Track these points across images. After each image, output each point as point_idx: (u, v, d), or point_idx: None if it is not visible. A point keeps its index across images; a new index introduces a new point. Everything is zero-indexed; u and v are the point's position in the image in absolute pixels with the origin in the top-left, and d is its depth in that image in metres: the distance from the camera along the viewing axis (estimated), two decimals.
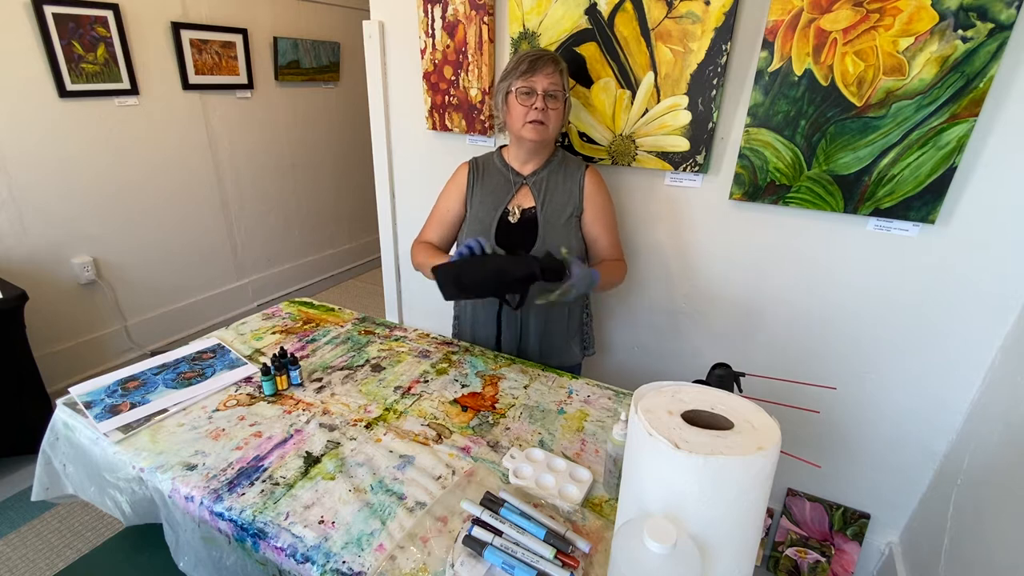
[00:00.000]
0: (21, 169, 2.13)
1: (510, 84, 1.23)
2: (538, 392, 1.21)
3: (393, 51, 1.76)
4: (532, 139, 1.23)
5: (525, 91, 1.21)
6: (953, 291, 1.25)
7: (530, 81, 1.20)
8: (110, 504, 1.06)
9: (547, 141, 1.27)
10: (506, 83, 1.24)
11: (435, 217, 1.40)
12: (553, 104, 1.22)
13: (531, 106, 1.20)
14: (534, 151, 1.29)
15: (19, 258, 2.18)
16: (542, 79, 1.19)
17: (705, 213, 1.45)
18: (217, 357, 1.31)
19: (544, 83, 1.19)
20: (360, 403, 1.15)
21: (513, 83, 1.22)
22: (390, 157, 1.92)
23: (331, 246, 3.79)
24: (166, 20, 2.47)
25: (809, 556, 1.61)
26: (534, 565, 0.75)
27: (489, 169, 1.35)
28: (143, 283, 2.66)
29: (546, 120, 1.21)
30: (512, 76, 1.22)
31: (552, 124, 1.23)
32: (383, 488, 0.92)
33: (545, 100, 1.20)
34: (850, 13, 1.11)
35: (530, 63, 1.20)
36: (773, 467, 0.60)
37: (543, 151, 1.31)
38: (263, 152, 3.11)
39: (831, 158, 1.22)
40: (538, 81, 1.19)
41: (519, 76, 1.20)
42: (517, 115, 1.23)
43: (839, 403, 1.47)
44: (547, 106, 1.21)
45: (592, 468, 0.98)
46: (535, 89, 1.20)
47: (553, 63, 1.21)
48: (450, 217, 1.38)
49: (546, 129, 1.23)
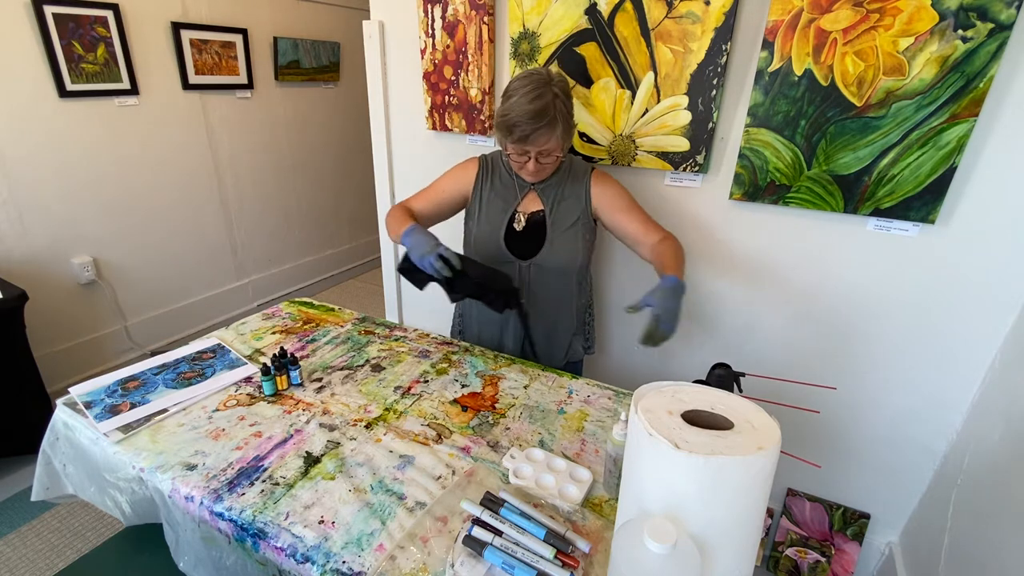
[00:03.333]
0: (21, 169, 2.13)
1: (505, 141, 1.19)
2: (538, 392, 1.21)
3: (393, 51, 1.76)
4: (531, 180, 1.26)
5: (518, 152, 1.19)
6: (953, 291, 1.25)
7: (524, 148, 1.17)
8: (110, 504, 1.06)
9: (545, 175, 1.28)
10: (500, 133, 1.19)
11: (430, 193, 1.37)
12: (548, 158, 1.19)
13: (525, 163, 1.20)
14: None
15: (19, 258, 2.18)
16: (536, 147, 1.16)
17: (705, 213, 1.45)
18: (217, 357, 1.31)
19: (537, 149, 1.17)
20: (360, 403, 1.15)
21: (507, 143, 1.19)
22: (390, 157, 1.92)
23: (331, 246, 3.79)
24: (166, 20, 2.47)
25: (809, 556, 1.61)
26: (534, 565, 0.75)
27: (498, 170, 1.34)
28: (143, 283, 2.66)
29: (542, 170, 1.22)
30: (506, 137, 1.17)
31: (550, 167, 1.24)
32: (383, 488, 0.92)
33: (539, 159, 1.19)
34: (850, 13, 1.11)
35: (521, 136, 1.13)
36: (773, 467, 0.60)
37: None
38: (263, 152, 3.10)
39: (831, 158, 1.22)
40: (531, 149, 1.17)
41: (513, 142, 1.17)
42: (514, 162, 1.23)
43: (839, 403, 1.47)
44: (541, 163, 1.20)
45: (592, 468, 0.98)
46: (529, 153, 1.18)
47: (548, 130, 1.13)
48: (445, 198, 1.35)
49: (544, 171, 1.24)
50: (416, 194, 1.38)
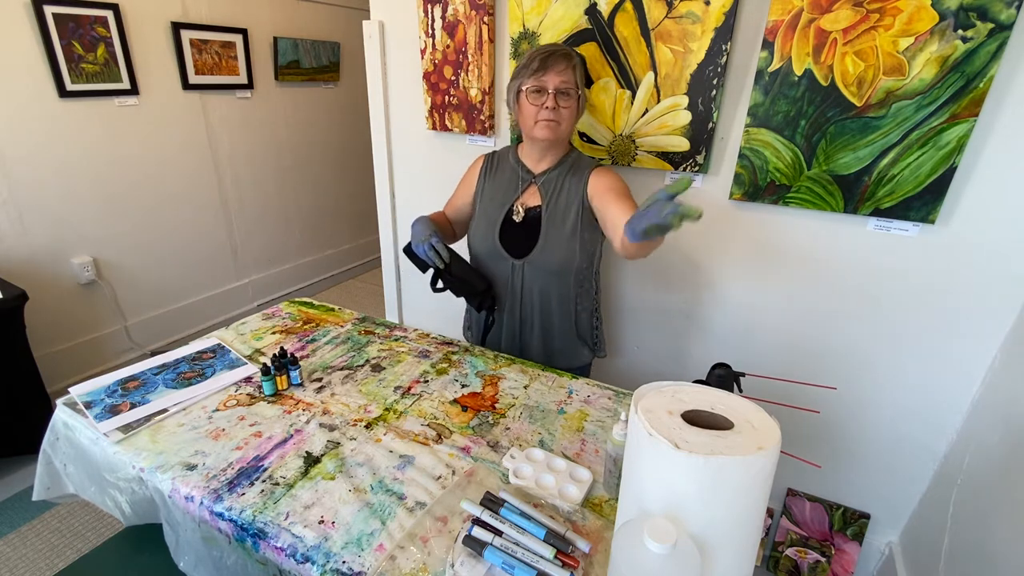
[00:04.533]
0: (21, 169, 2.13)
1: (521, 83, 1.19)
2: (538, 392, 1.21)
3: (393, 51, 1.76)
4: (544, 138, 1.21)
5: (535, 89, 1.17)
6: (953, 291, 1.25)
7: (541, 80, 1.16)
8: (110, 504, 1.06)
9: (561, 140, 1.24)
10: (517, 82, 1.21)
11: (453, 199, 1.44)
12: (565, 102, 1.17)
13: (542, 105, 1.17)
14: (548, 148, 1.26)
15: (19, 258, 2.18)
16: (553, 77, 1.15)
17: (705, 213, 1.44)
18: (217, 357, 1.31)
19: (555, 81, 1.15)
20: (360, 403, 1.15)
21: (524, 82, 1.18)
22: (390, 157, 1.92)
23: (331, 246, 3.79)
24: (166, 20, 2.47)
25: (809, 556, 1.61)
26: (534, 565, 0.75)
27: (502, 164, 1.34)
28: (143, 283, 2.66)
29: (558, 119, 1.18)
30: (523, 75, 1.19)
31: (565, 122, 1.20)
32: (383, 488, 0.92)
33: (556, 98, 1.17)
34: (850, 13, 1.11)
35: (541, 60, 1.16)
36: (773, 467, 0.60)
37: (557, 149, 1.28)
38: (263, 152, 3.10)
39: (831, 158, 1.22)
40: (549, 79, 1.15)
41: (530, 75, 1.17)
42: (528, 114, 1.20)
43: (839, 403, 1.47)
44: (559, 104, 1.17)
45: (592, 468, 0.98)
46: (546, 88, 1.16)
47: (566, 59, 1.17)
48: (462, 203, 1.41)
49: (558, 127, 1.19)
50: (447, 203, 1.46)
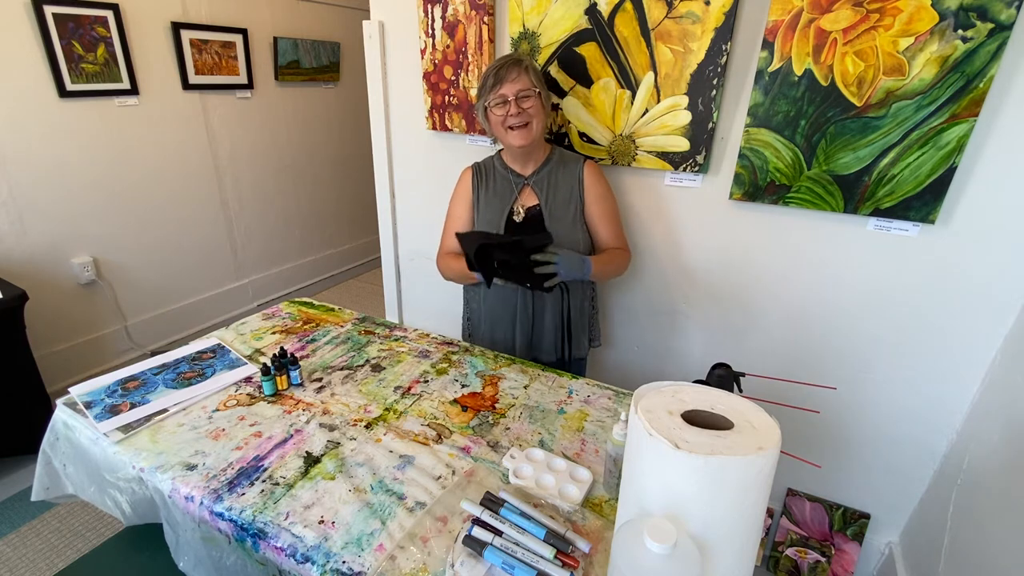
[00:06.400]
0: (21, 169, 2.13)
1: (484, 102, 1.27)
2: (538, 392, 1.21)
3: (393, 51, 1.76)
4: (520, 144, 1.27)
5: (498, 102, 1.24)
6: (953, 291, 1.25)
7: (500, 92, 1.24)
8: (110, 504, 1.06)
9: (536, 142, 1.30)
10: (481, 102, 1.29)
11: (449, 227, 1.44)
12: (528, 103, 1.24)
13: (507, 113, 1.24)
14: (529, 153, 1.33)
15: (19, 258, 2.18)
16: (510, 86, 1.23)
17: (705, 213, 1.45)
18: (217, 357, 1.31)
19: (513, 89, 1.23)
20: (360, 403, 1.15)
21: (486, 99, 1.26)
22: (390, 157, 1.92)
23: (331, 246, 3.79)
24: (166, 20, 2.47)
25: (809, 556, 1.61)
26: (534, 565, 0.75)
27: (491, 173, 1.39)
28: (143, 283, 2.66)
29: (527, 117, 1.24)
30: (483, 94, 1.27)
31: (535, 119, 1.26)
32: (383, 488, 0.92)
33: (519, 103, 1.23)
34: (850, 13, 1.11)
35: (495, 75, 1.24)
36: (773, 467, 0.60)
37: (537, 152, 1.35)
38: (263, 152, 3.10)
39: (831, 158, 1.22)
40: (507, 89, 1.23)
41: (488, 91, 1.25)
42: (498, 124, 1.27)
43: (839, 403, 1.47)
44: (522, 108, 1.23)
45: (592, 468, 0.98)
46: (507, 97, 1.23)
47: (516, 65, 1.24)
48: (462, 224, 1.42)
49: (529, 130, 1.26)
50: (443, 238, 1.46)
